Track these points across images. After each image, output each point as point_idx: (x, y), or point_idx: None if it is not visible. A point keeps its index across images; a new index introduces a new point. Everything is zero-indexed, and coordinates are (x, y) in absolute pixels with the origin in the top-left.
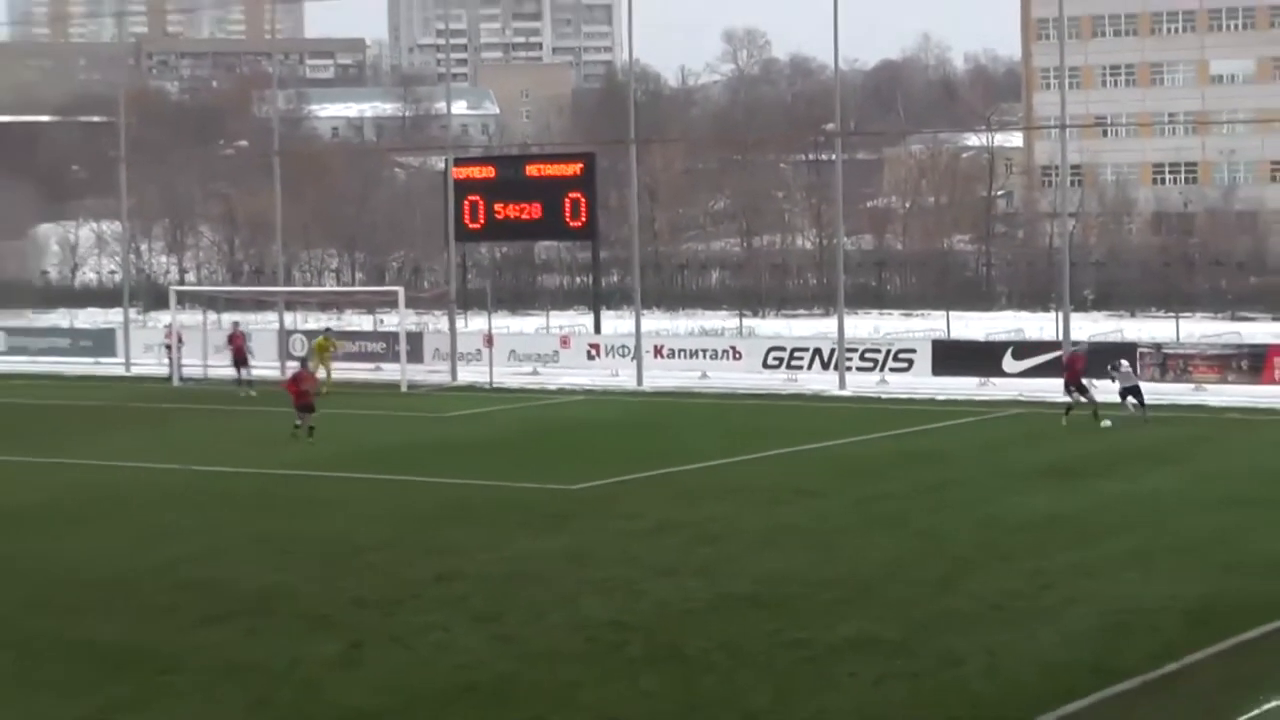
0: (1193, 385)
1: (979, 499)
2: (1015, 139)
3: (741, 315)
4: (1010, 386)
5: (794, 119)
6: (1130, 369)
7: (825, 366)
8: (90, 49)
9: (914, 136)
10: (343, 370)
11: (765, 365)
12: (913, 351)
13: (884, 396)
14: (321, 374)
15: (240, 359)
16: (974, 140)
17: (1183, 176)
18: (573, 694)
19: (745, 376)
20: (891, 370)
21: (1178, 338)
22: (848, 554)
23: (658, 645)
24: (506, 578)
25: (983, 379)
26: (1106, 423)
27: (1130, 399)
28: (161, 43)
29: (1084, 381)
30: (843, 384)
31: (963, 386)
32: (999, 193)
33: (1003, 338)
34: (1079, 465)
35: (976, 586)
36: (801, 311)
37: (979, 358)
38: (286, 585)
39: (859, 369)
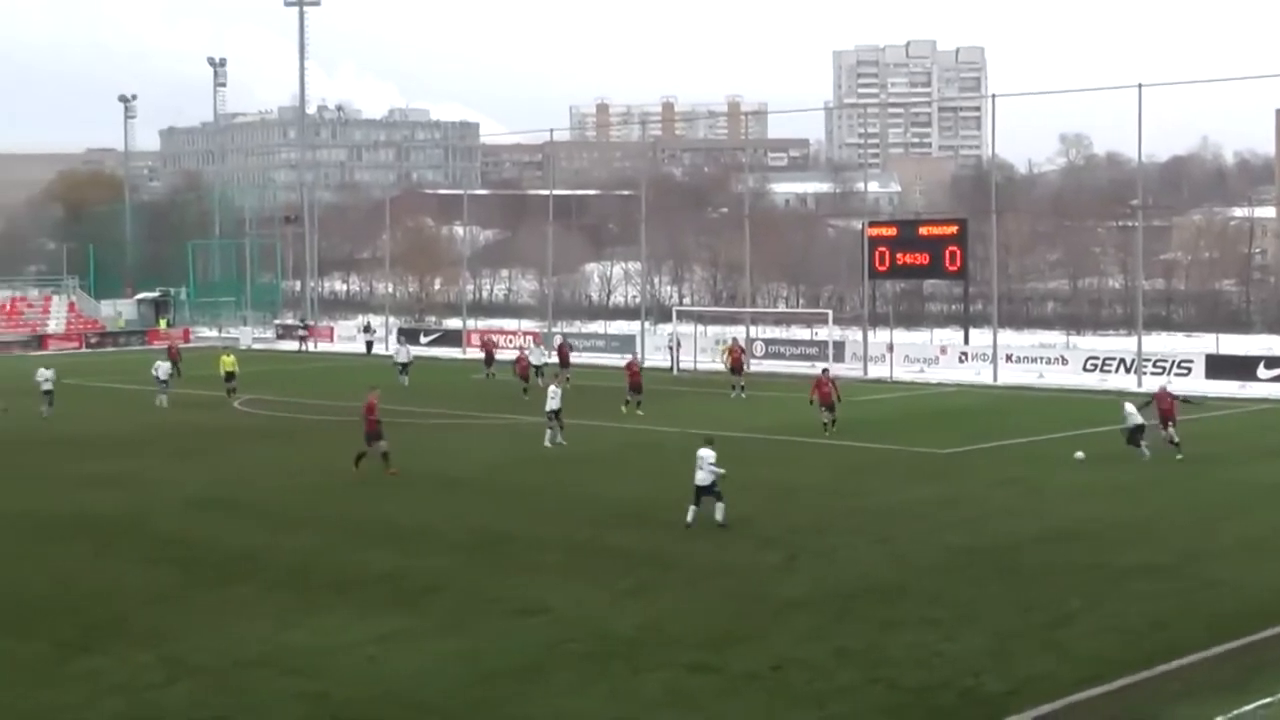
0: None
1: (1234, 467)
2: (1270, 210)
3: (1068, 333)
4: (1262, 390)
5: (1108, 196)
6: None
7: (1127, 371)
8: (623, 145)
9: (1195, 209)
10: (787, 366)
11: (1084, 369)
12: (1191, 361)
13: (1173, 394)
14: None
15: (563, 360)
16: (1239, 212)
17: None
18: (938, 594)
19: (1070, 377)
20: (1175, 375)
21: None
22: (1134, 505)
23: (1001, 564)
24: (897, 513)
25: (1242, 383)
26: None
27: None
28: (671, 141)
29: None
30: (1140, 384)
31: (1226, 388)
32: (1257, 250)
33: (1257, 353)
34: None
35: (1235, 528)
36: (1111, 332)
37: (1239, 367)
38: (742, 514)
39: (1151, 373)
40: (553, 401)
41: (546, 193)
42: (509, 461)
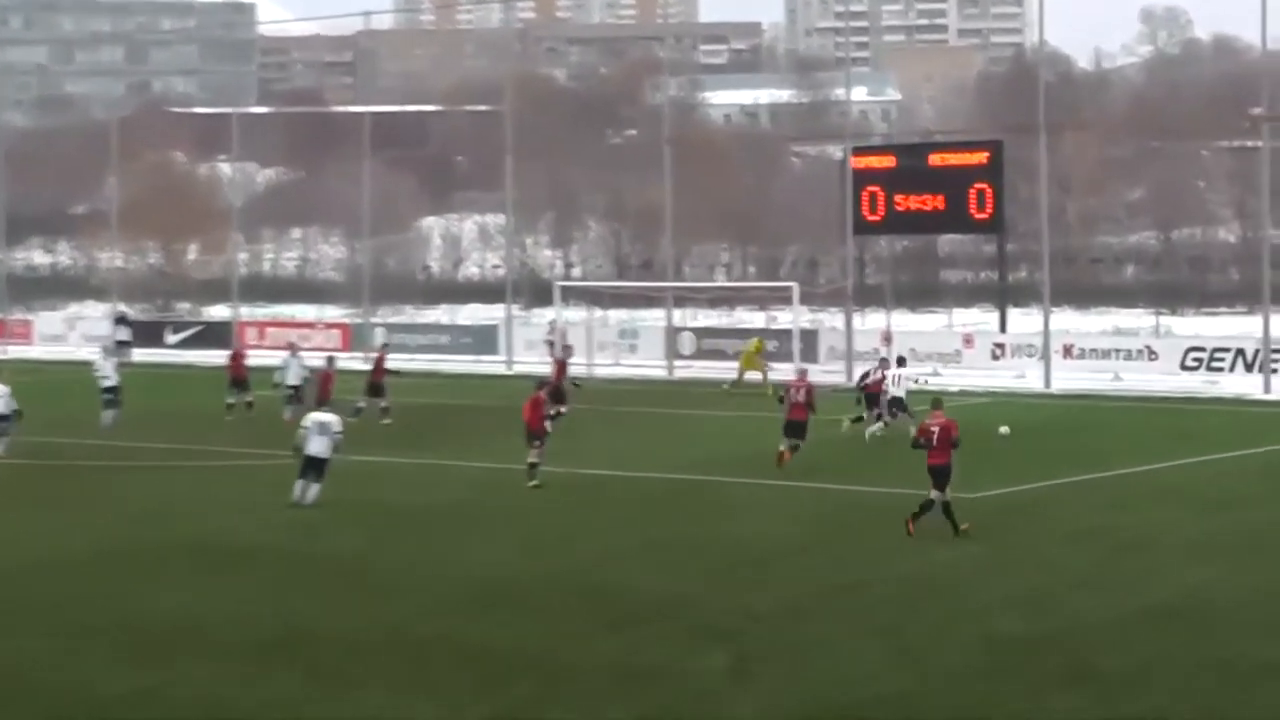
0: None
1: None
2: None
3: (1158, 313)
4: None
5: (1217, 103)
6: None
7: (1249, 368)
8: (477, 35)
9: None
10: (734, 371)
11: (1183, 367)
12: None
13: None
14: (757, 377)
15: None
16: None
17: None
18: (976, 715)
19: (1161, 379)
20: None
21: None
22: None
23: (1072, 662)
24: (913, 588)
25: None
26: None
27: None
28: (549, 28)
29: None
30: (1268, 387)
31: None
32: None
33: None
34: None
35: None
36: (1223, 309)
37: None
38: (680, 594)
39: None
40: (315, 445)
41: (360, 109)
42: (320, 521)
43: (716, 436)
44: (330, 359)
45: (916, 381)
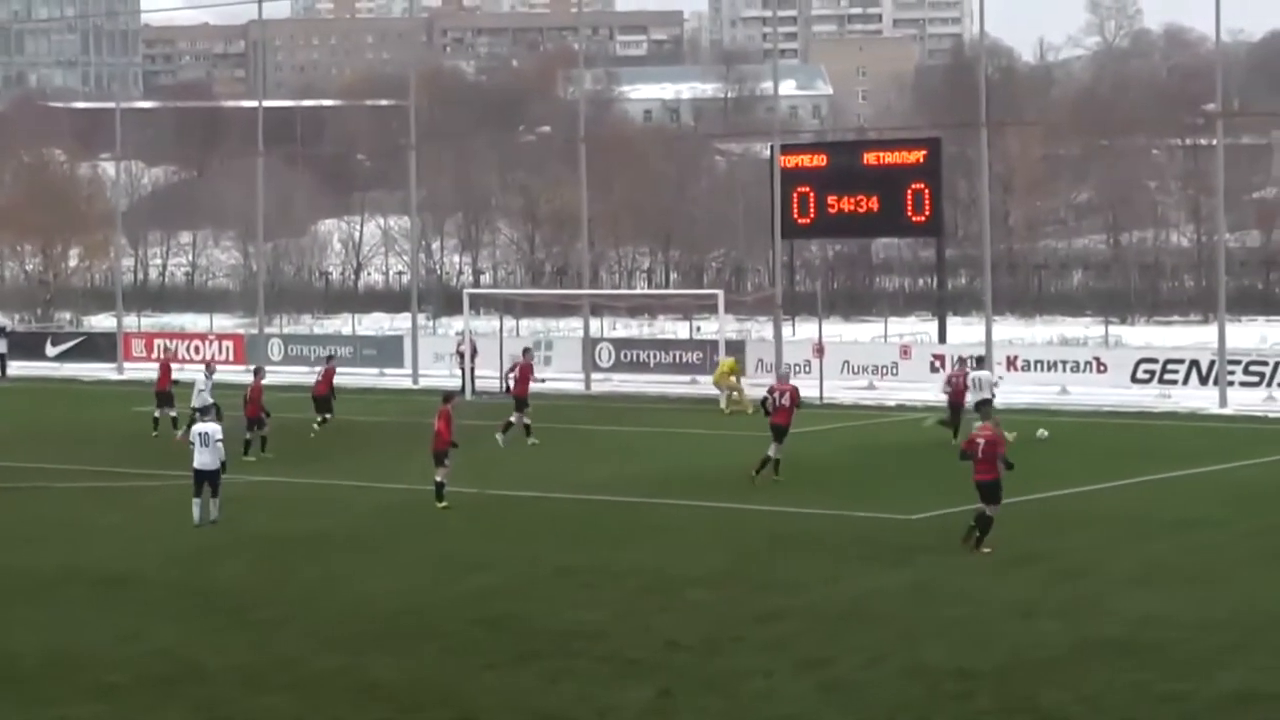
0: None
1: None
2: None
3: (1107, 322)
4: None
5: (1169, 98)
6: None
7: (1204, 381)
8: (379, 25)
9: None
10: (656, 384)
11: (1134, 379)
12: None
13: (1272, 415)
14: (730, 395)
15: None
16: None
17: None
18: None
19: (1111, 392)
20: None
21: None
22: (1234, 594)
23: (1009, 697)
24: (840, 618)
25: None
26: None
27: None
28: (457, 18)
29: None
30: (1224, 401)
31: None
32: None
33: None
34: None
35: None
36: (1176, 318)
37: None
38: (595, 624)
39: (1243, 384)
40: (201, 458)
41: (253, 104)
42: (210, 547)
43: (634, 454)
44: (259, 369)
45: (996, 384)
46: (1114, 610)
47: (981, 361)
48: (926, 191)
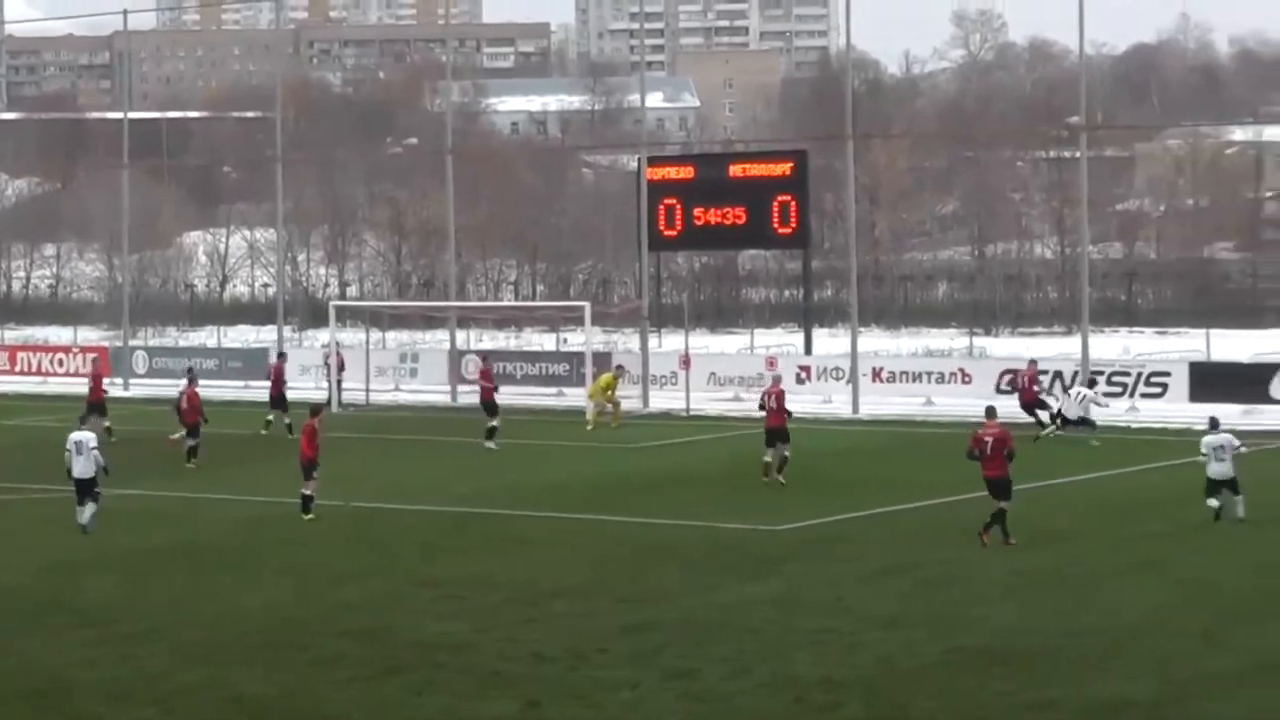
0: None
1: (1249, 543)
2: None
3: (972, 334)
4: (1277, 416)
5: (1033, 111)
6: None
7: (1066, 389)
8: (245, 36)
9: (1171, 130)
10: (522, 396)
11: (999, 390)
12: (1167, 375)
13: (1134, 426)
14: (604, 407)
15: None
16: (1240, 134)
17: None
18: None
19: (976, 402)
20: (1143, 396)
21: None
22: (1098, 603)
23: (877, 707)
24: (706, 629)
25: (1247, 406)
26: None
27: None
28: (323, 29)
29: None
30: (1088, 410)
31: (1224, 415)
32: (1268, 194)
33: (1272, 359)
34: None
35: (1245, 642)
36: (1040, 329)
37: (1243, 382)
38: (460, 635)
39: (1106, 394)
40: (78, 467)
41: (119, 115)
42: (72, 561)
43: (499, 466)
44: (191, 374)
45: (1099, 403)
46: (982, 619)
47: (1094, 383)
48: (793, 203)
